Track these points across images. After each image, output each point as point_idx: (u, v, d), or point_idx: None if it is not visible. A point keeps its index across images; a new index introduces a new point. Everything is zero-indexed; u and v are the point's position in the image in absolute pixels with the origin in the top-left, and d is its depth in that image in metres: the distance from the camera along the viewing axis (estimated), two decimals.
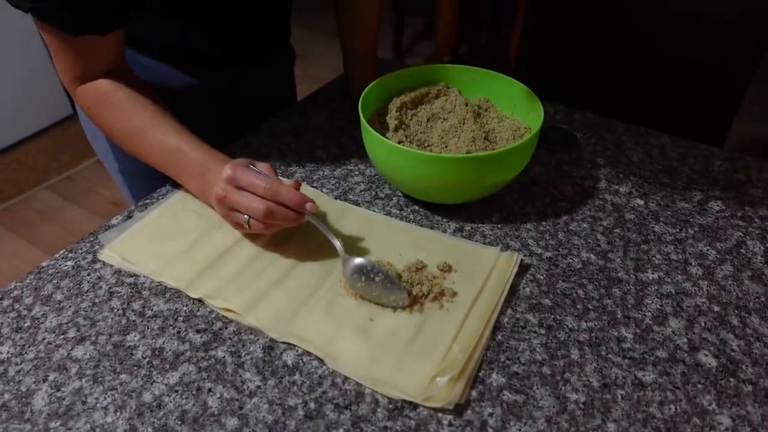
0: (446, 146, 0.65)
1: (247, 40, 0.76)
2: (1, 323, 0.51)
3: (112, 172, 0.82)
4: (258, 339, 0.50)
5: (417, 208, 0.65)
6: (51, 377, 0.47)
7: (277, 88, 0.89)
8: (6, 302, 0.54)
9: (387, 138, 0.62)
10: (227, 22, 0.72)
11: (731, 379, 0.47)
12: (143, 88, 0.62)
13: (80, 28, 0.55)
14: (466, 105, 0.70)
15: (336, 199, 0.66)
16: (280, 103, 0.88)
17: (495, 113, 0.71)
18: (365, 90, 0.66)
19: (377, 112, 0.71)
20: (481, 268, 0.56)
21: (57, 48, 0.57)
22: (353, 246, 0.59)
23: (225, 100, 0.80)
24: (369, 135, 0.61)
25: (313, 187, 0.68)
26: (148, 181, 0.69)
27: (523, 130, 0.67)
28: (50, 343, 0.50)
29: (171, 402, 0.45)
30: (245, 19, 0.73)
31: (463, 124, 0.67)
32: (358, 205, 0.65)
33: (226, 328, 0.51)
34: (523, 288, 0.56)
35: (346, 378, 0.47)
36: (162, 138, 0.59)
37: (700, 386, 0.47)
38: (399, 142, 0.64)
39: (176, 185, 0.67)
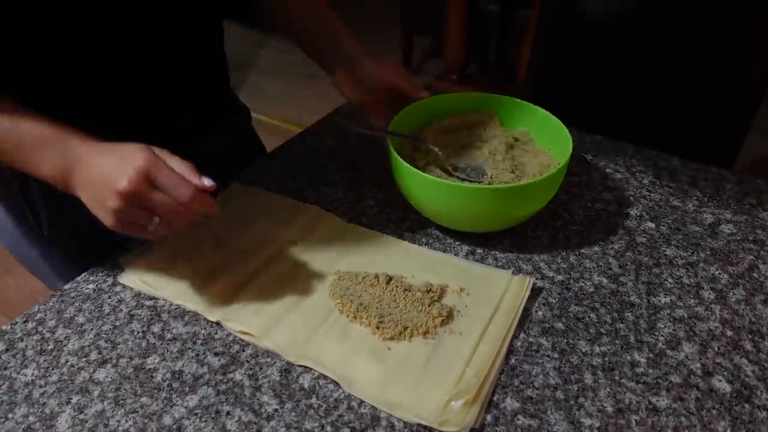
0: None
1: (177, 116, 0.69)
2: (26, 346, 0.53)
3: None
4: (275, 362, 0.51)
5: (429, 230, 0.66)
6: (74, 400, 0.48)
7: (233, 152, 0.81)
8: (30, 325, 0.55)
9: (416, 158, 0.64)
10: (155, 102, 0.66)
11: (746, 405, 0.48)
12: None
13: None
14: (503, 136, 0.70)
15: (349, 222, 0.67)
16: (244, 161, 0.79)
17: (531, 147, 0.70)
18: (401, 112, 0.67)
19: (411, 134, 0.70)
20: (493, 292, 0.57)
21: None
22: (367, 268, 0.60)
23: None
24: (395, 160, 0.61)
25: (326, 210, 0.69)
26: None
27: (552, 167, 0.66)
28: (73, 366, 0.51)
29: (191, 425, 0.46)
30: (175, 97, 0.67)
31: (495, 155, 0.67)
32: (370, 228, 0.66)
33: (244, 351, 0.52)
34: (536, 311, 0.56)
35: (362, 401, 0.48)
36: None
37: (714, 412, 0.47)
38: (425, 164, 0.66)
39: None
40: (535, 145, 0.71)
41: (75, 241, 0.66)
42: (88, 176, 0.49)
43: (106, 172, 0.47)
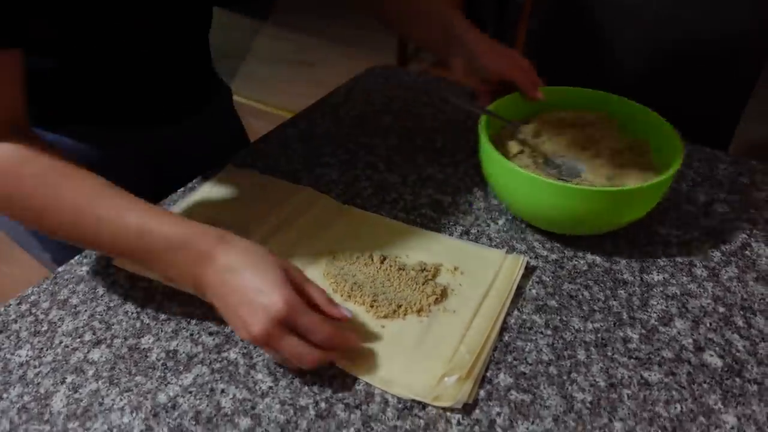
0: None
1: (161, 96, 0.69)
2: (20, 327, 0.53)
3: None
4: None
5: (424, 211, 0.66)
6: (69, 379, 0.48)
7: (215, 132, 0.81)
8: (24, 307, 0.55)
9: (510, 149, 0.64)
10: (137, 81, 0.65)
11: (737, 379, 0.48)
12: (61, 155, 0.47)
13: None
14: (613, 142, 0.66)
15: (344, 203, 0.67)
16: (227, 146, 0.78)
17: (645, 160, 0.64)
18: (513, 93, 0.66)
19: (515, 121, 0.68)
20: (487, 270, 0.57)
21: None
22: (361, 248, 0.60)
23: (156, 160, 0.74)
24: (481, 139, 0.60)
25: (321, 191, 0.69)
26: None
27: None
28: (67, 347, 0.51)
29: (185, 403, 0.46)
30: (159, 77, 0.67)
31: (595, 159, 0.64)
32: (365, 209, 0.66)
33: None
34: (530, 290, 0.56)
35: (356, 378, 0.48)
36: (116, 217, 0.46)
37: (705, 386, 0.47)
38: (519, 152, 0.65)
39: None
40: (651, 158, 0.64)
41: None
42: (221, 295, 0.46)
43: (239, 302, 0.44)
